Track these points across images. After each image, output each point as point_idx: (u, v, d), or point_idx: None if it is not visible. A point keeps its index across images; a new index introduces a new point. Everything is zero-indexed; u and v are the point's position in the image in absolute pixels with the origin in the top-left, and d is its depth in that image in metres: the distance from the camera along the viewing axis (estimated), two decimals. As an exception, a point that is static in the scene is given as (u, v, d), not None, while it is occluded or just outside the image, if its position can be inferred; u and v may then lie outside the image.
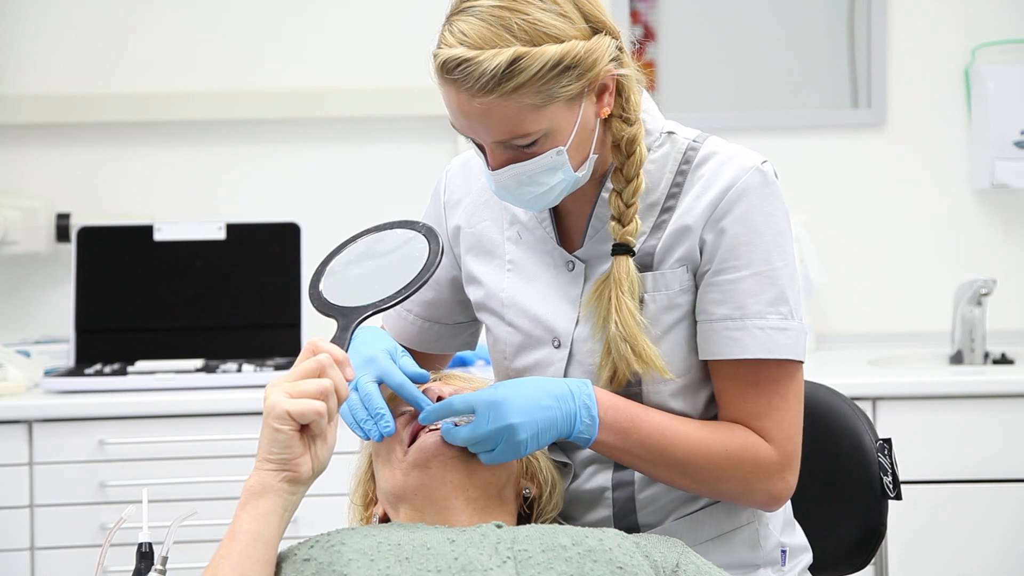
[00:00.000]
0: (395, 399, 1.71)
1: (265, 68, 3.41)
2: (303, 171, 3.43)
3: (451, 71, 1.56)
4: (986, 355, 3.24)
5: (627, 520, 1.74)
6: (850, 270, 3.45)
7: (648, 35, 3.44)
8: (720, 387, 1.70)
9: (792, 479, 1.69)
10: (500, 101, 1.56)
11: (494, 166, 1.63)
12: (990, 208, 3.46)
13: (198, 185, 3.42)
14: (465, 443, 1.61)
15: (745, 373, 1.67)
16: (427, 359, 1.89)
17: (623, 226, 1.68)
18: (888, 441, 1.94)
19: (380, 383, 1.65)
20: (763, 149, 1.77)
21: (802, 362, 1.70)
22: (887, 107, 3.44)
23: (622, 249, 1.68)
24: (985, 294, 3.22)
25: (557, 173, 1.63)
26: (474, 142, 1.65)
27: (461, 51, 1.56)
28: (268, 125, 3.43)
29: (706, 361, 1.71)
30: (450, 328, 1.89)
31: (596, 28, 1.61)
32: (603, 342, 1.68)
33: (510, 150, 1.62)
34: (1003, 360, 3.26)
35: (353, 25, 3.42)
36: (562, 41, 1.57)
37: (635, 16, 3.42)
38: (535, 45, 1.56)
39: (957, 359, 3.24)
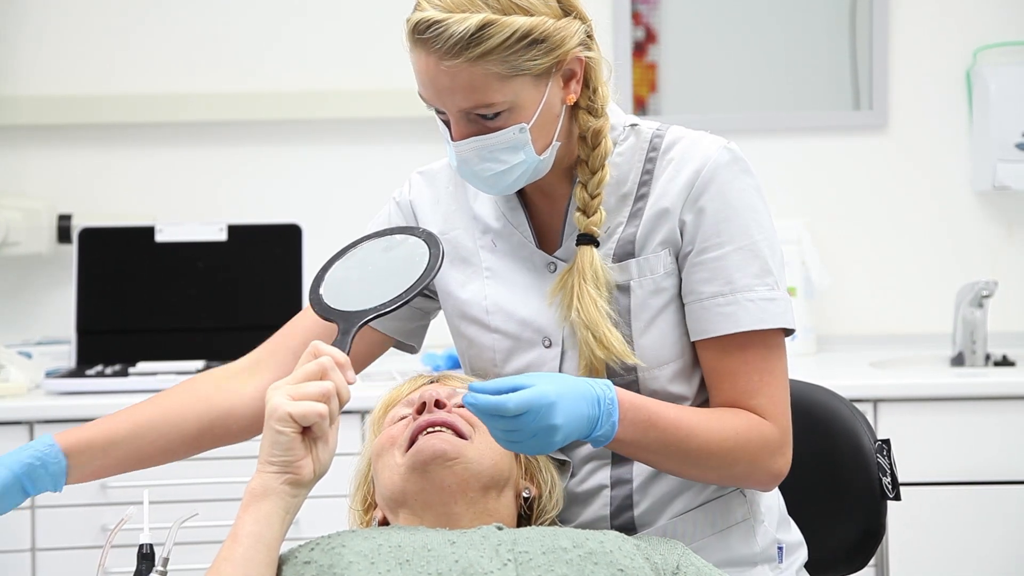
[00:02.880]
0: (391, 405, 1.72)
1: (267, 69, 3.42)
2: (305, 172, 3.44)
3: (422, 32, 1.59)
4: (987, 357, 3.24)
5: (624, 517, 1.74)
6: (851, 272, 3.45)
7: (650, 37, 3.44)
8: (710, 367, 1.71)
9: (789, 453, 1.71)
10: (467, 66, 1.59)
11: (457, 137, 1.65)
12: (991, 210, 3.46)
13: (199, 186, 3.42)
14: (503, 430, 1.55)
15: (735, 349, 1.69)
16: (367, 346, 1.83)
17: (587, 217, 1.70)
18: (887, 442, 1.94)
19: None
20: (765, 151, 1.79)
21: (793, 331, 1.71)
22: (888, 109, 3.44)
23: (586, 239, 1.70)
24: (986, 296, 3.22)
25: (519, 152, 1.65)
26: (439, 117, 1.67)
27: (433, 13, 1.59)
28: (270, 126, 3.43)
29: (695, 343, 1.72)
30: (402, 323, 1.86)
31: (567, 11, 1.65)
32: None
33: (474, 123, 1.64)
34: (1004, 362, 3.26)
35: (355, 26, 3.42)
36: (532, 15, 1.61)
37: (636, 18, 3.43)
38: (505, 14, 1.60)
39: (958, 361, 3.25)
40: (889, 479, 1.93)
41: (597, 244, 1.70)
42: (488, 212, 1.80)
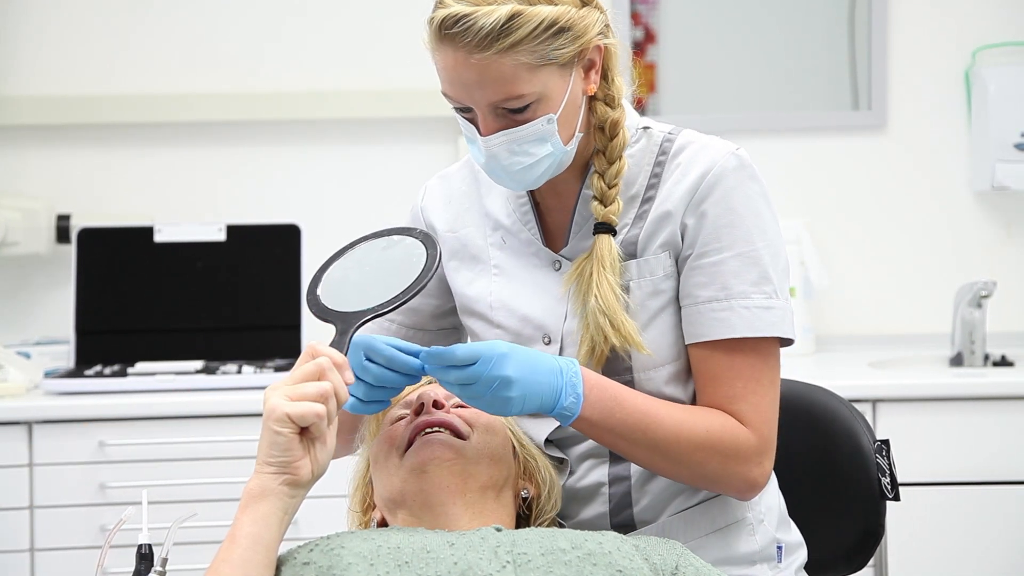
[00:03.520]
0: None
1: (266, 69, 3.42)
2: (303, 172, 3.44)
3: (450, 27, 1.60)
4: (986, 357, 3.24)
5: (623, 515, 1.75)
6: (850, 272, 3.45)
7: (649, 37, 3.44)
8: (698, 370, 1.71)
9: (768, 465, 1.70)
10: (496, 58, 1.60)
11: (485, 133, 1.65)
12: (990, 210, 3.46)
13: (198, 186, 3.42)
14: (457, 382, 1.58)
15: (724, 354, 1.69)
16: None
17: (605, 206, 1.71)
18: (886, 442, 1.94)
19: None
20: (764, 151, 1.79)
21: (791, 341, 1.71)
22: (887, 109, 3.44)
23: (604, 228, 1.71)
24: (985, 296, 3.22)
25: (546, 144, 1.66)
26: (463, 117, 1.67)
27: (460, 8, 1.60)
28: (269, 126, 3.43)
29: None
30: (433, 334, 1.89)
31: (585, 1, 1.66)
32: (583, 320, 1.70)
33: (502, 118, 1.65)
34: (1003, 362, 3.26)
35: (354, 26, 3.42)
36: (556, 4, 1.62)
37: (636, 18, 3.42)
38: (531, 5, 1.61)
39: (957, 361, 3.25)
40: (888, 479, 1.93)
41: (615, 233, 1.71)
42: (499, 209, 1.81)
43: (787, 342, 1.72)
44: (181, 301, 3.18)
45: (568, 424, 1.65)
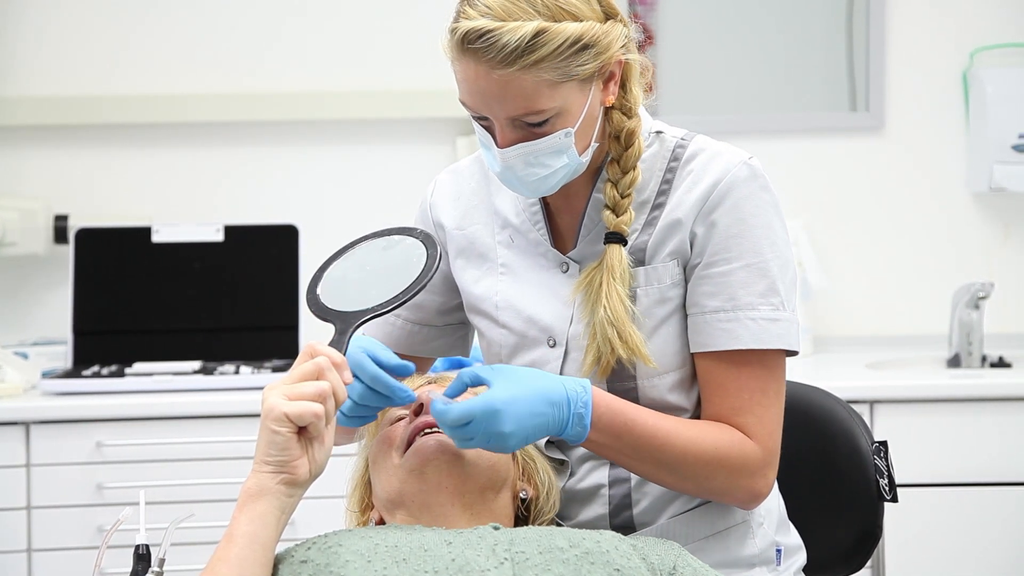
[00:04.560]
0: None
1: (265, 70, 3.42)
2: (302, 173, 3.44)
3: (473, 41, 1.58)
4: (983, 358, 3.25)
5: (622, 517, 1.75)
6: (848, 273, 3.46)
7: (647, 38, 3.44)
8: (704, 379, 1.71)
9: (772, 476, 1.70)
10: (519, 74, 1.58)
11: (503, 144, 1.64)
12: (988, 211, 3.46)
13: (197, 187, 3.42)
14: (453, 437, 1.59)
15: (731, 365, 1.68)
16: (419, 363, 1.88)
17: (617, 216, 1.70)
18: (884, 444, 1.94)
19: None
20: (762, 152, 1.79)
21: (795, 352, 1.72)
22: (885, 110, 3.45)
23: (615, 238, 1.70)
24: (983, 297, 3.23)
25: (562, 156, 1.65)
26: (480, 124, 1.66)
27: (485, 22, 1.58)
28: (267, 127, 3.43)
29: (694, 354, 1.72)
30: (439, 330, 1.89)
31: (608, 14, 1.66)
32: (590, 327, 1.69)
33: (520, 129, 1.64)
34: (1000, 363, 3.26)
35: (353, 27, 3.42)
36: (581, 20, 1.61)
37: (634, 18, 3.41)
38: (556, 21, 1.59)
39: (955, 362, 3.25)
40: (886, 480, 1.93)
41: (625, 243, 1.71)
42: (508, 208, 1.80)
43: (792, 352, 1.72)
44: (179, 302, 3.18)
45: (575, 445, 1.65)
